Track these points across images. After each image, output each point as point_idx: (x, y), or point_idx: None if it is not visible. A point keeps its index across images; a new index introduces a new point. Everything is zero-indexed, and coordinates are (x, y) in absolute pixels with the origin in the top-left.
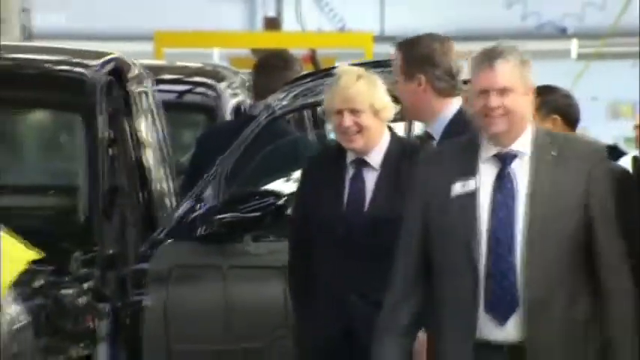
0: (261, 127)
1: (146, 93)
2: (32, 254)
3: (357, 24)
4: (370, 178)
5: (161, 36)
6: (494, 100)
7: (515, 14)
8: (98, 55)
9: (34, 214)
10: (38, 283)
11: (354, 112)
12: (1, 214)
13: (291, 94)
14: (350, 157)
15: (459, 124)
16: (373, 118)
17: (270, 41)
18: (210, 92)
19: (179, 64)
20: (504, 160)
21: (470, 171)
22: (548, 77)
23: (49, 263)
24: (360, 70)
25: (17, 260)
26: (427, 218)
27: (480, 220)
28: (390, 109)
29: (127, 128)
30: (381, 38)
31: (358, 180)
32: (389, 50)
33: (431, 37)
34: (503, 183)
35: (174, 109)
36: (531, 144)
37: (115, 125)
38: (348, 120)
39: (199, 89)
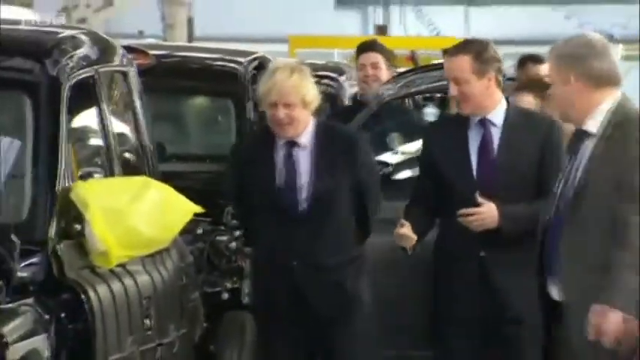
0: (373, 111)
1: None
2: (195, 208)
3: (448, 31)
4: (301, 157)
5: (294, 39)
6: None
7: (572, 24)
8: (246, 54)
9: (195, 177)
10: (199, 230)
11: (286, 105)
12: (171, 177)
13: (397, 85)
14: (280, 138)
15: (515, 112)
16: (303, 109)
17: None
18: (332, 83)
19: (308, 61)
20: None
21: (574, 148)
22: None
23: (207, 215)
24: (294, 64)
25: (184, 213)
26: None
27: None
28: (317, 100)
29: None
30: None
31: (291, 158)
32: None
33: (487, 42)
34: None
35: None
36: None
37: (258, 109)
38: (281, 113)
39: (324, 81)
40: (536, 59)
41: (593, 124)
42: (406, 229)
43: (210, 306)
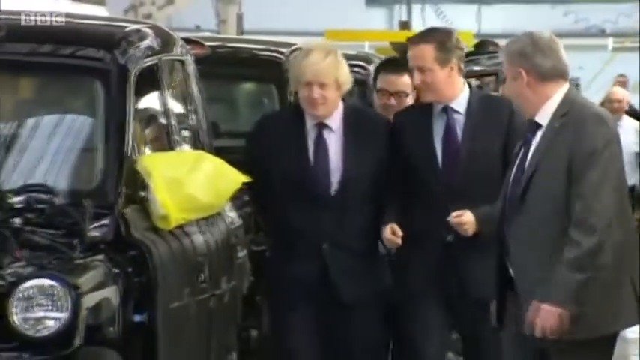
0: None
1: None
2: (243, 178)
3: (462, 26)
4: (332, 139)
5: (330, 33)
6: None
7: (569, 20)
8: (288, 45)
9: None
10: (246, 197)
11: (322, 85)
12: (223, 151)
13: None
14: (310, 120)
15: (477, 98)
16: (335, 90)
17: (403, 37)
18: (362, 71)
19: (342, 52)
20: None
21: (526, 137)
22: (592, 64)
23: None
24: (328, 46)
25: (234, 182)
26: None
27: None
28: (349, 83)
29: None
30: (478, 35)
31: (321, 141)
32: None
33: (450, 31)
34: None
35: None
36: (551, 115)
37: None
38: (315, 92)
39: (356, 69)
40: (492, 44)
41: (543, 117)
42: (398, 238)
43: (256, 262)
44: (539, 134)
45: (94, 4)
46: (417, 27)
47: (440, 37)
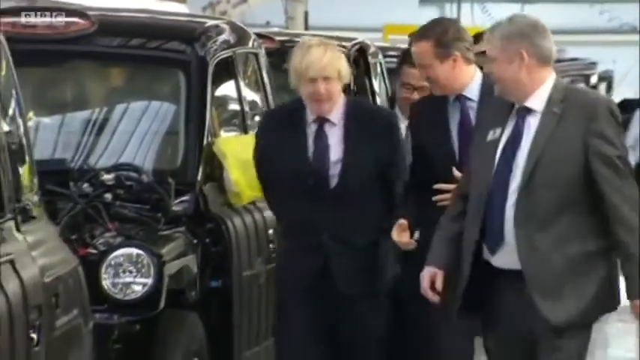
0: None
1: (378, 63)
2: None
3: None
4: (332, 133)
5: (388, 28)
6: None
7: (604, 17)
8: (349, 39)
9: None
10: None
11: (326, 79)
12: None
13: None
14: (311, 115)
15: (490, 84)
16: (339, 83)
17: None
18: None
19: (398, 45)
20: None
21: (500, 122)
22: (625, 59)
23: None
24: (324, 40)
25: None
26: None
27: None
28: (349, 75)
29: (367, 84)
30: None
31: (322, 135)
32: None
33: (448, 24)
34: (515, 134)
35: (395, 73)
36: (546, 100)
37: (359, 81)
38: (321, 87)
39: None
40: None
41: (537, 102)
42: (404, 236)
43: None
44: (531, 120)
45: (175, 2)
46: (466, 24)
47: (437, 33)
